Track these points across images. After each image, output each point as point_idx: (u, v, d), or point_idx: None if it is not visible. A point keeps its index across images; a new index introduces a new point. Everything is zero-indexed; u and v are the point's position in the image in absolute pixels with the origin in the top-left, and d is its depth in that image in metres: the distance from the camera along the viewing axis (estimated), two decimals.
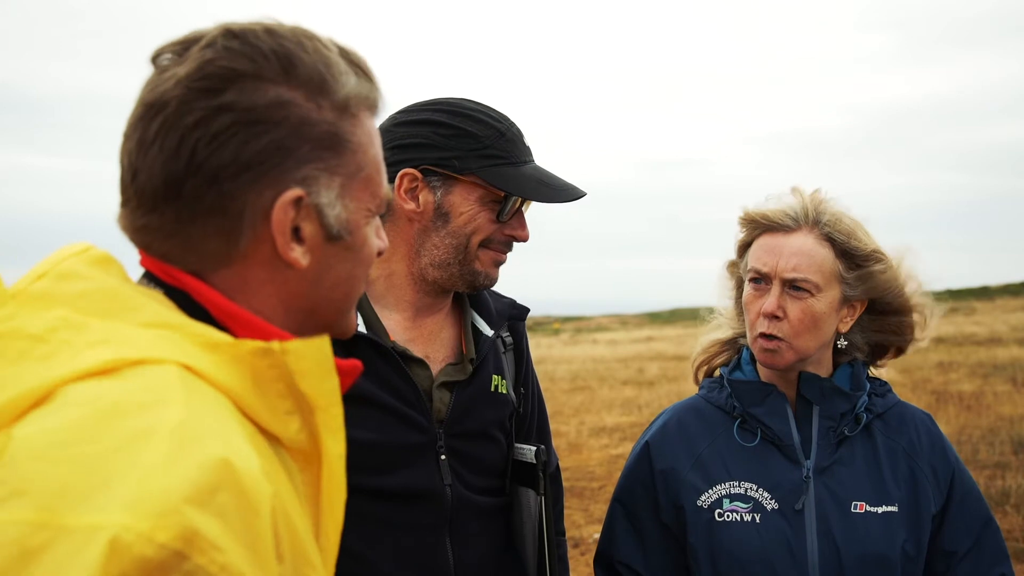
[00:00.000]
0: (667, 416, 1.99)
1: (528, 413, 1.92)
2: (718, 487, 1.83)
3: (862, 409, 1.84)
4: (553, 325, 43.69)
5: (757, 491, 1.81)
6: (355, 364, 0.92)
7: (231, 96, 0.84)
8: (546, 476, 1.79)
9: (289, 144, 0.86)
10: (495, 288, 1.89)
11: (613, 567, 1.93)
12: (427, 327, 1.76)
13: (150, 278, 0.90)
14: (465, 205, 1.68)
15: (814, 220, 1.80)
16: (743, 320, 1.91)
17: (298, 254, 0.89)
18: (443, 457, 1.68)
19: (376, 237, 0.98)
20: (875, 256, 1.80)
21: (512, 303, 1.91)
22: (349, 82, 0.90)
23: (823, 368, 1.87)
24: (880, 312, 1.88)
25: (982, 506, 1.86)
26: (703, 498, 1.83)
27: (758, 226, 1.84)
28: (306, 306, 0.92)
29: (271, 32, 0.87)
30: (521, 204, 1.72)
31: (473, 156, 1.66)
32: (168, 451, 0.68)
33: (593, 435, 10.79)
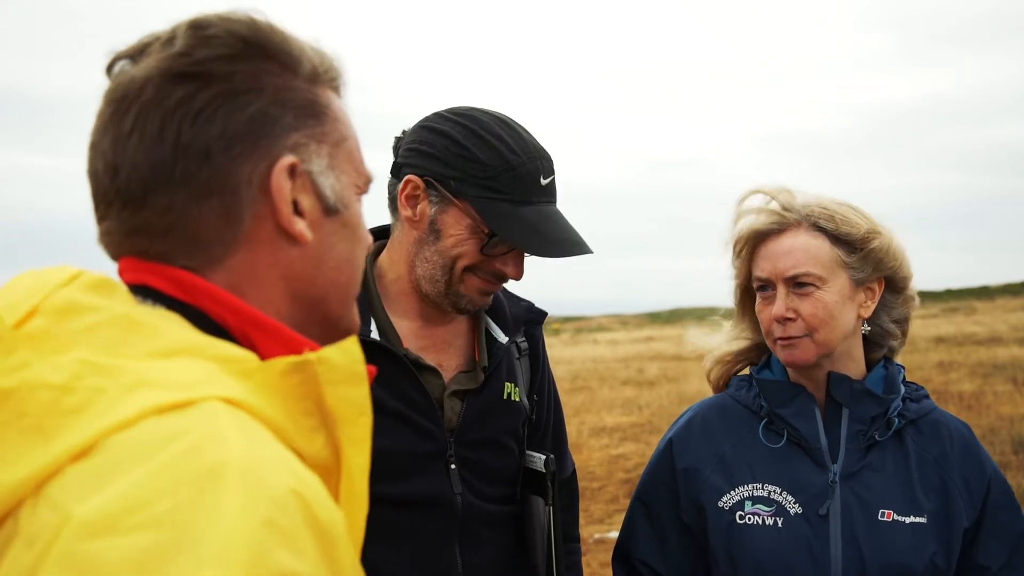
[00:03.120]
0: (692, 413, 1.94)
1: (542, 420, 1.88)
2: (741, 488, 1.78)
3: (895, 414, 1.76)
4: (553, 325, 43.69)
5: (781, 494, 1.75)
6: (370, 370, 0.89)
7: (209, 74, 0.82)
8: (554, 486, 1.76)
9: (273, 112, 0.85)
10: (513, 290, 1.85)
11: (632, 564, 1.90)
12: (440, 335, 1.74)
13: (146, 292, 0.83)
14: (455, 228, 1.62)
15: (797, 215, 1.76)
16: (759, 331, 1.87)
17: (302, 227, 0.86)
18: (453, 466, 1.66)
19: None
20: (871, 235, 1.75)
21: (530, 307, 1.86)
22: (311, 56, 0.90)
23: (855, 365, 1.80)
24: (898, 290, 1.82)
25: (1018, 519, 1.78)
26: (725, 499, 1.78)
27: (749, 241, 1.80)
28: (313, 293, 0.89)
29: (231, 17, 0.86)
30: (510, 249, 1.63)
31: (472, 183, 1.59)
32: (242, 492, 0.64)
33: (593, 435, 10.79)
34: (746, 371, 1.94)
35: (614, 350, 24.39)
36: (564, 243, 1.62)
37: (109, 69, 0.86)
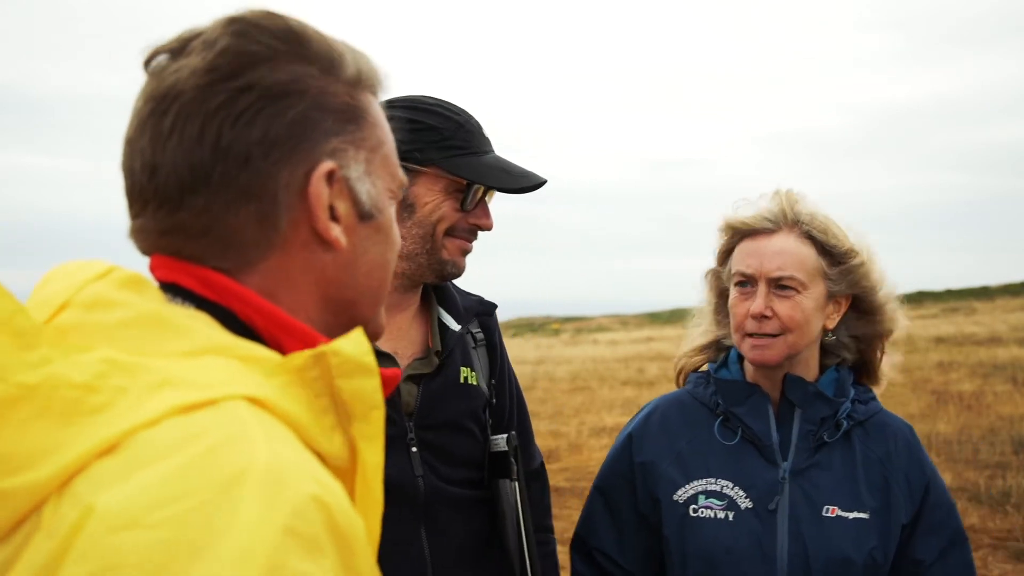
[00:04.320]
0: (651, 408, 2.02)
1: (503, 403, 1.94)
2: (695, 483, 1.86)
3: (844, 416, 1.86)
4: (553, 325, 43.70)
5: (733, 489, 1.83)
6: (396, 373, 0.89)
7: (250, 76, 0.82)
8: (519, 462, 1.82)
9: (314, 117, 0.84)
10: (463, 286, 1.94)
11: (590, 553, 1.97)
12: (396, 324, 1.80)
13: (175, 291, 0.83)
14: (429, 195, 1.72)
15: (793, 220, 1.84)
16: (723, 323, 1.95)
17: (338, 233, 0.86)
18: (414, 449, 1.71)
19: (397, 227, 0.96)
20: (852, 252, 1.85)
21: (480, 300, 1.95)
22: (353, 60, 0.89)
23: (810, 370, 1.89)
24: (863, 311, 1.91)
25: (954, 520, 1.88)
26: (680, 492, 1.86)
27: (739, 232, 1.88)
28: (345, 296, 0.89)
29: (272, 16, 0.86)
30: (484, 193, 1.76)
31: (434, 147, 1.71)
32: (263, 497, 0.64)
33: (593, 435, 10.78)
34: (704, 368, 2.02)
35: (614, 350, 24.39)
36: (529, 176, 1.77)
37: (147, 63, 0.86)
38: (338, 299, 0.89)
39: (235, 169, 0.81)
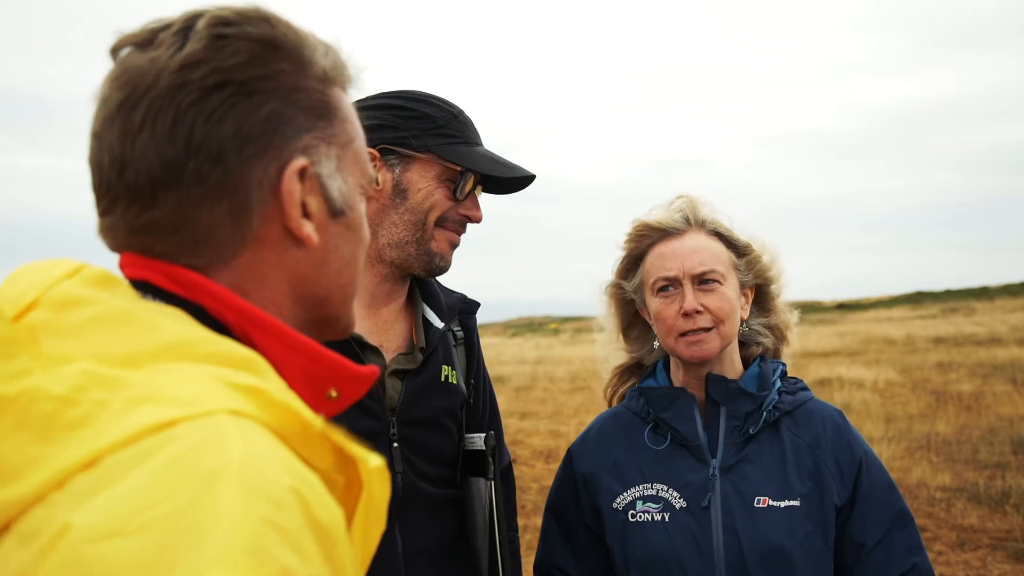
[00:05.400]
0: (591, 424, 2.07)
1: (479, 405, 1.96)
2: (633, 490, 1.90)
3: (768, 407, 1.89)
4: (552, 325, 43.70)
5: (668, 491, 1.87)
6: (373, 370, 0.89)
7: (222, 71, 0.80)
8: (496, 461, 1.84)
9: (286, 113, 0.83)
10: (446, 284, 1.95)
11: (550, 572, 2.00)
12: (382, 316, 1.81)
13: (146, 288, 0.81)
14: (423, 182, 1.73)
15: (698, 220, 1.92)
16: (639, 340, 2.02)
17: (310, 230, 0.85)
18: (395, 445, 1.71)
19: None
20: (749, 245, 1.95)
21: (463, 298, 1.96)
22: (325, 55, 0.88)
23: (734, 364, 1.95)
24: (762, 303, 2.01)
25: (894, 497, 1.89)
26: (618, 500, 1.90)
27: (651, 236, 1.93)
28: (315, 294, 0.89)
29: (244, 9, 0.85)
30: (475, 185, 1.79)
31: (429, 135, 1.73)
32: (241, 492, 0.63)
33: None
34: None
35: None
36: (520, 168, 1.80)
37: (114, 52, 0.84)
38: (309, 296, 0.89)
39: (208, 165, 0.80)
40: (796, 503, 1.83)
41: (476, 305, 1.98)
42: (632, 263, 1.98)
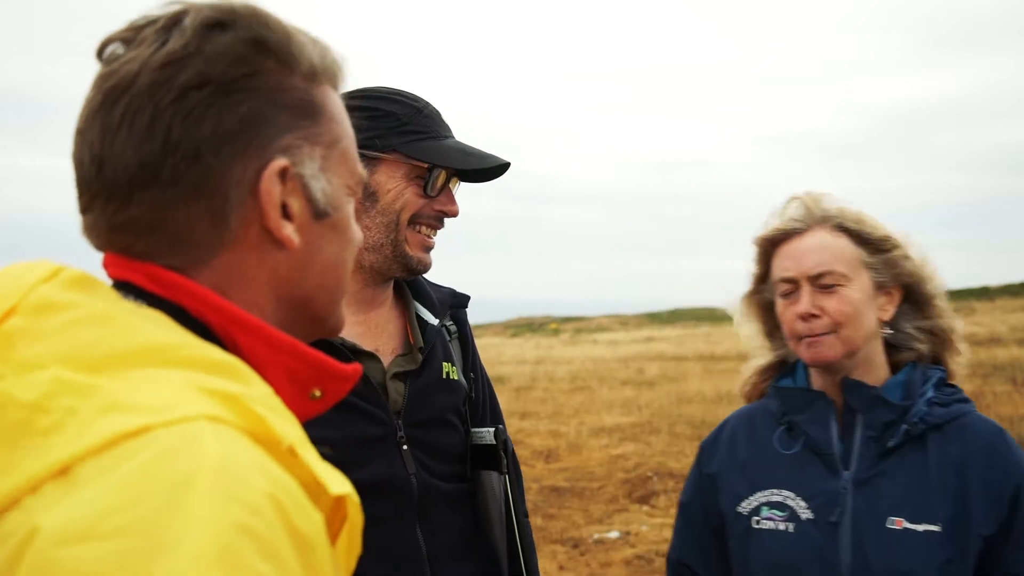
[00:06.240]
0: (725, 421, 2.00)
1: (480, 397, 1.95)
2: (759, 494, 1.82)
3: (914, 419, 1.73)
4: (552, 325, 43.69)
5: (794, 500, 1.78)
6: (356, 368, 0.88)
7: (202, 69, 0.79)
8: (508, 455, 1.82)
9: (267, 112, 0.82)
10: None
11: (678, 566, 1.96)
12: (373, 320, 1.79)
13: (128, 289, 0.81)
14: (391, 182, 1.70)
15: (821, 217, 1.81)
16: (781, 342, 1.91)
17: (290, 231, 0.84)
18: (405, 447, 1.71)
19: (356, 223, 0.93)
20: (888, 239, 1.80)
21: (452, 292, 1.94)
22: (312, 53, 0.87)
23: (876, 369, 1.81)
24: (916, 304, 1.84)
25: None
26: (744, 504, 1.83)
27: (771, 242, 1.85)
28: (298, 295, 0.87)
29: (226, 8, 0.83)
30: (448, 179, 1.74)
31: (393, 134, 1.69)
32: (214, 497, 0.62)
33: (593, 435, 10.79)
34: None
35: (614, 350, 24.37)
36: (493, 158, 1.75)
37: (100, 52, 0.83)
38: (293, 297, 0.87)
39: (185, 165, 0.79)
40: (936, 528, 1.67)
41: (467, 298, 1.96)
42: (761, 275, 1.89)
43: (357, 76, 0.94)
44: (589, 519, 7.22)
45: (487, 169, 1.76)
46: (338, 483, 0.75)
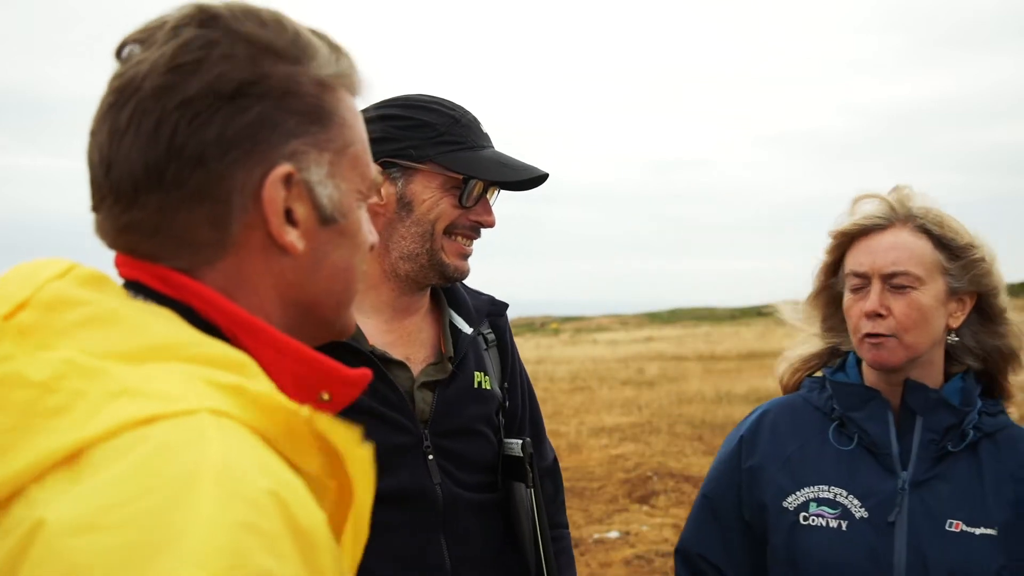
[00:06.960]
0: (762, 412, 1.93)
1: (516, 408, 1.92)
2: (806, 490, 1.77)
3: (970, 426, 1.73)
4: (552, 325, 43.71)
5: (847, 498, 1.74)
6: (364, 373, 0.87)
7: (211, 72, 0.78)
8: (534, 468, 1.79)
9: (275, 117, 0.81)
10: (473, 285, 1.90)
11: (694, 560, 1.91)
12: (406, 328, 1.77)
13: (138, 288, 0.81)
14: (427, 192, 1.69)
15: (905, 215, 1.74)
16: (838, 330, 1.87)
17: (293, 238, 0.83)
18: (431, 457, 1.69)
19: (368, 227, 0.93)
20: (971, 246, 1.74)
21: (491, 300, 1.91)
22: (325, 57, 0.86)
23: (934, 375, 1.78)
24: (986, 316, 1.80)
25: None
26: (790, 500, 1.78)
27: (849, 236, 1.79)
28: (304, 299, 0.87)
29: (244, 10, 0.82)
30: (485, 190, 1.73)
31: (429, 144, 1.68)
32: (217, 493, 0.62)
33: (593, 435, 10.79)
34: (819, 372, 1.92)
35: (614, 350, 24.40)
36: (528, 169, 1.74)
37: (119, 53, 0.83)
38: (299, 301, 0.87)
39: (188, 169, 0.78)
40: (993, 532, 1.67)
41: (505, 306, 1.94)
42: (832, 266, 1.83)
43: (365, 80, 0.93)
44: (589, 519, 7.22)
45: (524, 180, 1.74)
46: (357, 437, 0.77)
